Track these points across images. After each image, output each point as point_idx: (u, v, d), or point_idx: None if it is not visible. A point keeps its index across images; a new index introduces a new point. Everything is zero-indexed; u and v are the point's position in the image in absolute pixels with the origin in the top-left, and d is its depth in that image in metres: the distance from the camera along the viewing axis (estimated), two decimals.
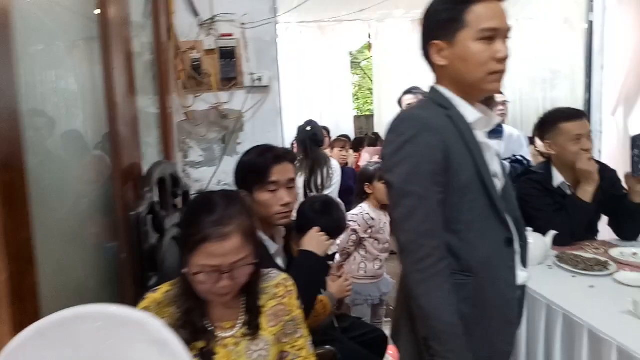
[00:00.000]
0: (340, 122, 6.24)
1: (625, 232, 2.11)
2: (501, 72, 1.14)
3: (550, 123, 2.15)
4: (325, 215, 1.91)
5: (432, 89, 1.22)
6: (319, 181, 3.39)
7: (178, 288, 1.15)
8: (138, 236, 1.42)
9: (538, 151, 2.63)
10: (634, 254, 1.85)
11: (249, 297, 1.19)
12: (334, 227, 1.92)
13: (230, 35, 2.48)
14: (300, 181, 3.42)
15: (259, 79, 2.53)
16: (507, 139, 2.72)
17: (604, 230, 2.18)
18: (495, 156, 1.24)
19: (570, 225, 2.01)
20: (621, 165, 2.45)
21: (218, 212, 1.08)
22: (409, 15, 5.60)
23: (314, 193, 3.38)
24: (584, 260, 1.78)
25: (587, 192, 1.99)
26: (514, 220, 1.22)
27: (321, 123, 4.98)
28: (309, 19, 6.01)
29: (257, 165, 1.51)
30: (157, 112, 2.17)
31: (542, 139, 2.21)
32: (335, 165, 3.37)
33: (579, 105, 3.24)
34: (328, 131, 4.91)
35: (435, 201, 1.08)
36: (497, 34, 1.11)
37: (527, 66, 6.79)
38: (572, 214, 2.01)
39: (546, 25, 6.51)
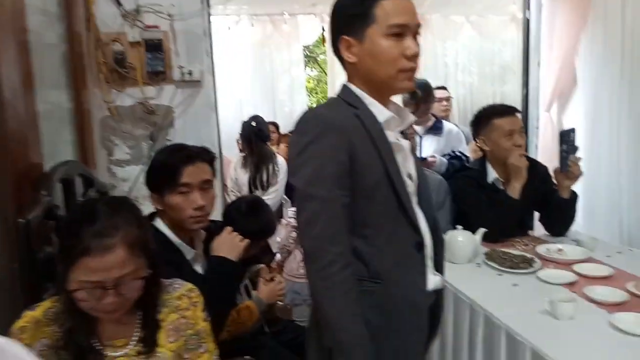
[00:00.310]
0: (295, 117, 6.15)
1: (554, 227, 2.14)
2: (412, 70, 1.09)
3: (483, 119, 2.15)
4: (251, 217, 1.82)
5: (344, 86, 1.16)
6: (264, 178, 3.30)
7: (61, 304, 1.04)
8: (28, 244, 1.29)
9: (479, 147, 2.64)
10: (560, 250, 1.87)
11: (146, 310, 1.09)
12: (261, 229, 1.84)
13: (156, 27, 2.34)
14: (245, 178, 3.33)
15: (190, 73, 2.40)
16: (447, 135, 2.72)
17: (540, 225, 2.20)
18: (411, 156, 1.19)
19: (500, 221, 2.01)
20: (556, 161, 2.49)
21: (100, 222, 0.97)
22: None
23: (259, 191, 3.29)
24: (512, 258, 1.78)
25: (515, 189, 1.99)
26: (430, 222, 1.18)
27: (275, 118, 4.88)
28: (260, 12, 5.88)
29: (167, 166, 1.41)
30: (72, 107, 2.01)
31: (477, 135, 2.21)
32: (281, 161, 3.29)
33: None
34: (277, 126, 4.81)
35: (339, 205, 1.01)
36: (407, 30, 1.07)
37: (477, 62, 6.97)
38: (500, 210, 2.01)
39: (495, 22, 6.69)
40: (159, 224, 1.48)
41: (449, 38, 6.63)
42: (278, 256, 2.89)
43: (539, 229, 2.20)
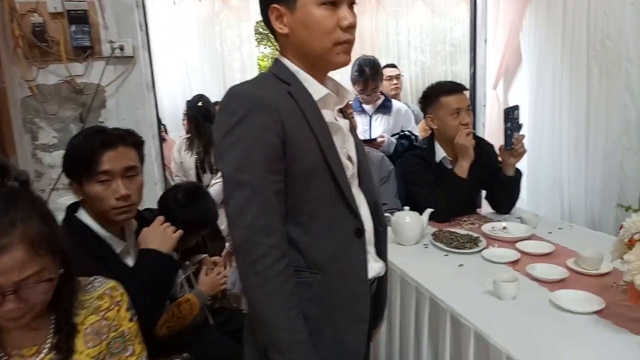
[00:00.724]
0: None
1: (500, 205, 2.15)
2: (349, 42, 1.01)
3: (431, 97, 2.12)
4: (188, 206, 1.71)
5: (276, 60, 1.06)
6: (213, 161, 3.16)
7: None
8: None
9: (429, 126, 2.62)
10: (504, 228, 1.88)
11: (59, 314, 0.98)
12: (199, 219, 1.73)
13: None
14: (192, 161, 3.17)
15: (121, 49, 2.21)
16: (396, 114, 2.68)
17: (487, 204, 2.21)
18: (350, 136, 1.12)
19: (448, 201, 2.00)
20: (502, 139, 2.51)
21: None
22: None
23: (208, 174, 3.15)
24: (458, 238, 1.76)
25: (462, 167, 1.98)
26: (372, 206, 1.12)
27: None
28: None
29: (84, 152, 1.27)
30: None
31: (425, 113, 2.18)
32: None
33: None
34: None
35: (272, 191, 0.93)
36: None
37: (430, 40, 6.99)
38: (448, 189, 2.00)
39: (446, 0, 6.71)
40: (83, 215, 1.35)
41: (401, 16, 6.61)
42: (227, 245, 2.79)
43: (486, 207, 2.22)
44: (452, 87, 2.11)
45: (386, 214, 1.47)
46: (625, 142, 2.11)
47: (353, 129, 1.15)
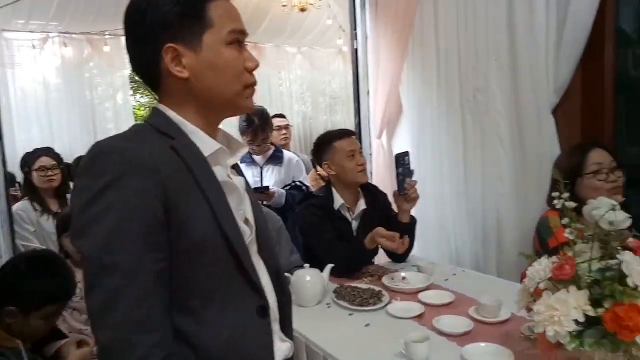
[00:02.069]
0: None
1: (397, 254, 2.14)
2: (254, 85, 0.90)
3: (324, 144, 2.12)
4: (35, 276, 1.39)
5: (154, 110, 0.90)
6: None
7: None
8: None
9: (319, 175, 2.58)
10: (404, 278, 1.85)
11: None
12: (52, 291, 1.41)
13: None
14: (51, 226, 2.71)
15: None
16: (287, 165, 2.60)
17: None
18: (247, 196, 0.98)
19: (349, 261, 1.94)
20: (390, 188, 2.56)
21: None
22: None
23: None
24: (361, 294, 1.68)
25: (371, 243, 1.93)
26: (273, 275, 0.97)
27: None
28: (75, 31, 5.16)
29: None
30: None
31: (320, 161, 2.14)
32: None
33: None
34: None
35: (152, 275, 0.74)
36: (244, 38, 0.88)
37: (310, 92, 7.25)
38: (352, 254, 1.95)
39: (324, 54, 7.05)
40: None
41: (283, 68, 6.79)
42: None
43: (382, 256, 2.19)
44: (343, 132, 2.15)
45: (286, 274, 1.34)
46: (500, 187, 2.26)
47: (249, 187, 1.01)
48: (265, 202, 2.42)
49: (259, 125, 2.38)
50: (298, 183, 2.57)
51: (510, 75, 2.17)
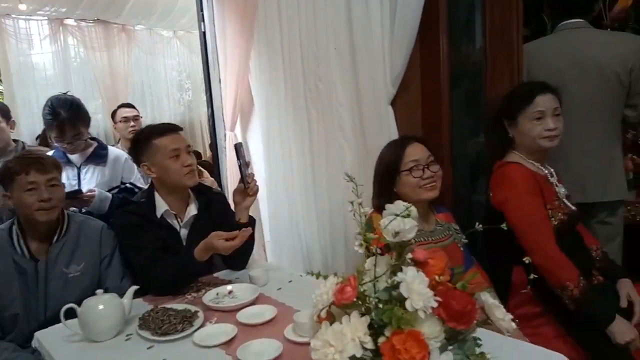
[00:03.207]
0: None
1: (235, 260, 1.92)
2: None
3: (142, 142, 1.81)
4: None
5: None
6: None
7: None
8: None
9: (148, 175, 2.26)
10: (230, 292, 1.64)
11: None
12: None
13: None
14: None
15: None
16: (113, 164, 2.23)
17: None
18: None
19: (173, 278, 1.68)
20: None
21: None
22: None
23: None
24: (171, 317, 1.42)
25: (203, 254, 1.67)
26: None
27: None
28: None
29: None
30: None
31: (138, 162, 1.84)
32: None
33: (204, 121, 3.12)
34: None
35: None
36: None
37: (191, 79, 6.67)
38: (178, 268, 1.69)
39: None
40: None
41: (158, 53, 6.18)
42: None
43: None
44: (166, 128, 1.84)
45: None
46: (345, 182, 2.14)
47: None
48: (84, 209, 2.06)
49: (66, 119, 1.99)
50: (128, 185, 2.23)
51: (350, 65, 2.05)
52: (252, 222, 1.91)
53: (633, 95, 2.12)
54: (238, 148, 1.80)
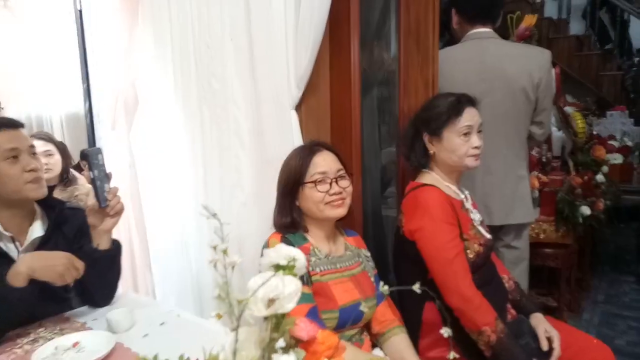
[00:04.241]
0: None
1: (95, 295, 1.53)
2: None
3: None
4: None
5: None
6: None
7: None
8: None
9: None
10: (76, 344, 1.25)
11: None
12: None
13: None
14: None
15: None
16: None
17: None
18: None
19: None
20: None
21: None
22: None
23: None
24: None
25: (18, 274, 1.28)
26: None
27: None
28: None
29: None
30: None
31: None
32: None
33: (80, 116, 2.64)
34: None
35: None
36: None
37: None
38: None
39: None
40: None
41: None
42: None
43: None
44: (5, 123, 1.41)
45: None
46: (240, 196, 1.83)
47: None
48: None
49: None
50: None
51: (249, 60, 1.74)
52: (116, 249, 1.53)
53: (540, 111, 2.06)
54: (90, 156, 1.40)
